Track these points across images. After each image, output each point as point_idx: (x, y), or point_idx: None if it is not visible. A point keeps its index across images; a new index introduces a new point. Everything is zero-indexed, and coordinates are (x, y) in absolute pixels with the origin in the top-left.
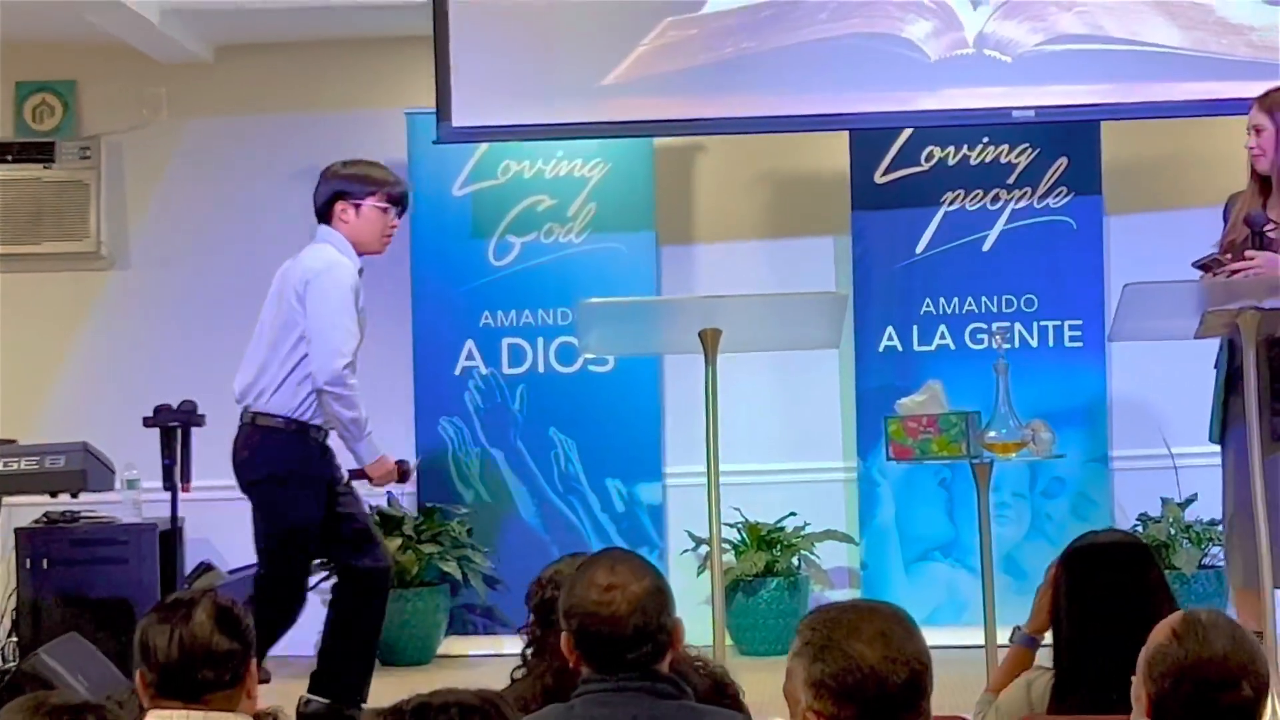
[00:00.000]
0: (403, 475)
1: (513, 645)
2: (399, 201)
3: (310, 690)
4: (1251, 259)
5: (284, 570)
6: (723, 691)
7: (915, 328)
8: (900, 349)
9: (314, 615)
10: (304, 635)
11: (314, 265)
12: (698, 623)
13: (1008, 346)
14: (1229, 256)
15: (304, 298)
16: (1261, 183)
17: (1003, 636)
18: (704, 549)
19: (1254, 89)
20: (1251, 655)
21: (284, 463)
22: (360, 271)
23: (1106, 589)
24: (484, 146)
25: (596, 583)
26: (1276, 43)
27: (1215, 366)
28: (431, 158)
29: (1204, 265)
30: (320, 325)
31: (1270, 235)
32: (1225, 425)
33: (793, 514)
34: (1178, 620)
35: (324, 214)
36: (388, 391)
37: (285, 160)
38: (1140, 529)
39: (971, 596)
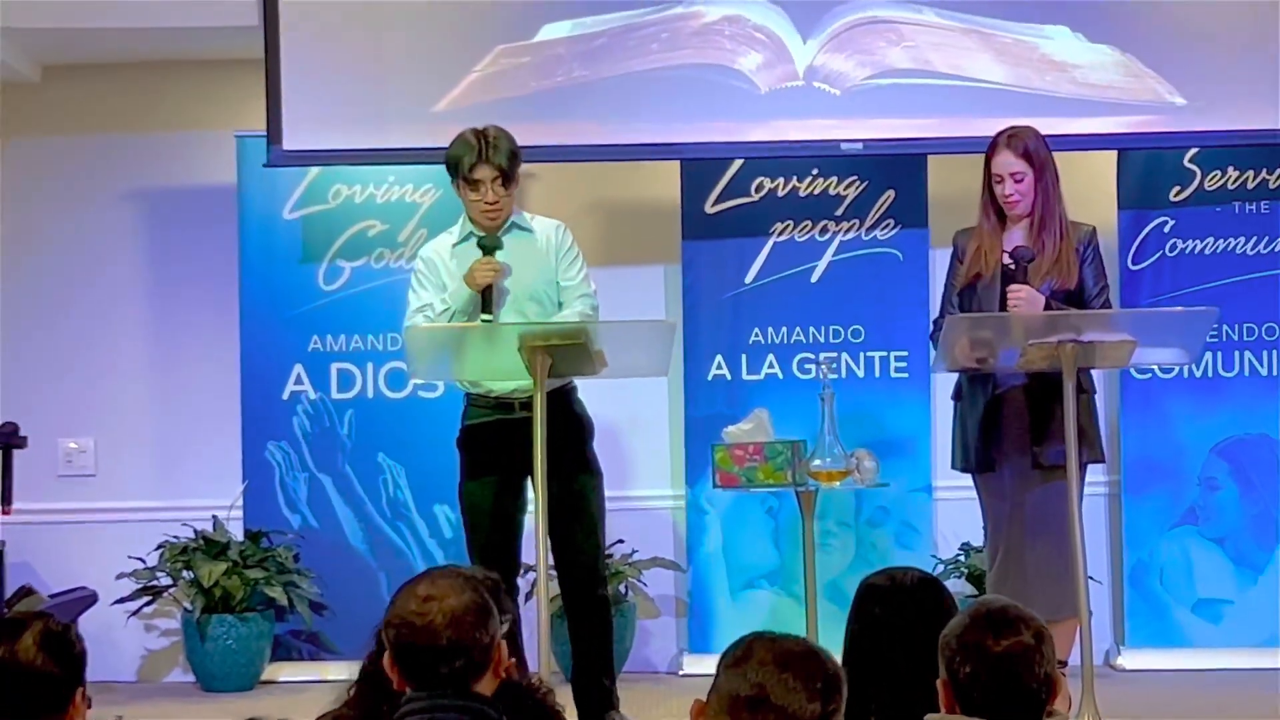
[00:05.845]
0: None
1: (337, 671)
2: (453, 171)
3: None
4: (1018, 292)
5: None
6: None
7: (744, 356)
8: (729, 378)
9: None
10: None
11: None
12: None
13: (834, 376)
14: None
15: None
16: (1000, 220)
17: None
18: (532, 575)
19: (1075, 125)
20: (1031, 616)
21: None
22: (471, 236)
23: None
24: (315, 171)
25: (416, 594)
26: (1097, 80)
27: (954, 398)
28: (262, 181)
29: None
30: None
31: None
32: (987, 455)
33: (620, 541)
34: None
35: None
36: (214, 415)
37: (114, 181)
38: (963, 558)
39: (796, 624)
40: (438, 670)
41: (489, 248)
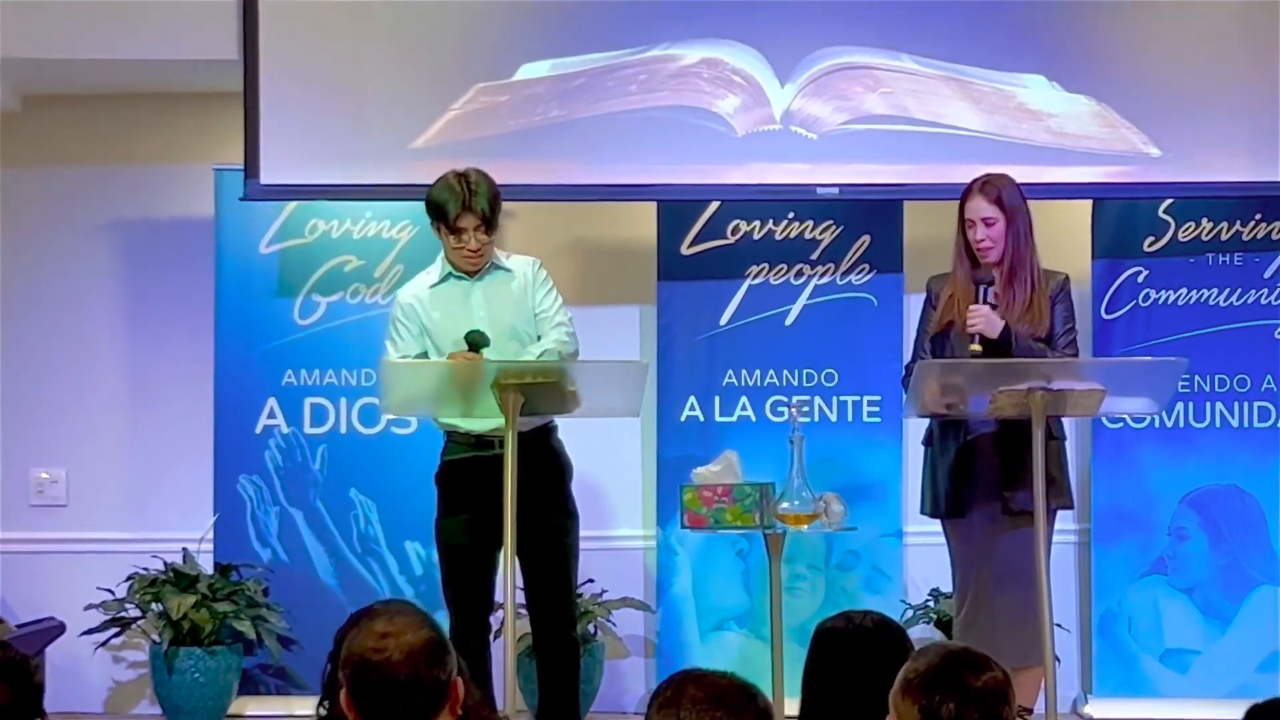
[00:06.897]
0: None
1: (305, 706)
2: (434, 215)
3: None
4: (976, 312)
5: None
6: None
7: (717, 398)
8: (702, 419)
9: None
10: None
11: None
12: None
13: (805, 420)
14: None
15: None
16: (974, 266)
17: (790, 707)
18: (501, 613)
19: (1051, 174)
20: (990, 656)
21: None
22: (450, 278)
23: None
24: (292, 205)
25: (373, 630)
26: (1073, 129)
27: (925, 443)
28: (238, 214)
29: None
30: None
31: (991, 302)
32: (959, 502)
33: (590, 580)
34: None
35: None
36: (187, 447)
37: (91, 212)
38: (932, 604)
39: (766, 667)
40: (395, 708)
41: (476, 344)
